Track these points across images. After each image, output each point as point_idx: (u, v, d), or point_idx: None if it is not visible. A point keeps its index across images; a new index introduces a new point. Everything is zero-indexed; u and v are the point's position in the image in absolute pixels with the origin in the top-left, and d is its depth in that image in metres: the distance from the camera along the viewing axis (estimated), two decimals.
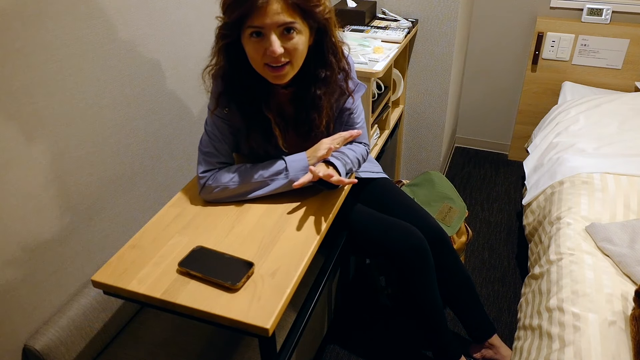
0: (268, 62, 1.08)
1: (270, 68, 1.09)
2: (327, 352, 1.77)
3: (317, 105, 1.20)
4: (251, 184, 1.20)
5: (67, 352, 1.19)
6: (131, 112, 1.35)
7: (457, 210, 1.84)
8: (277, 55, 1.05)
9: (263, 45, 1.06)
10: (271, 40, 1.04)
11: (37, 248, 1.15)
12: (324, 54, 1.16)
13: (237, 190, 1.21)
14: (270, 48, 1.05)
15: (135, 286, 1.01)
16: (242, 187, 1.21)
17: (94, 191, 1.28)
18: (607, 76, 2.49)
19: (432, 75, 2.29)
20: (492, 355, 1.66)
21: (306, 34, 1.10)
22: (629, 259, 1.38)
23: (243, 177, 1.20)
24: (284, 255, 1.07)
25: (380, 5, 2.23)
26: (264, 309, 0.95)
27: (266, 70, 1.10)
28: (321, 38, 1.14)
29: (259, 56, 1.08)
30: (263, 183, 1.20)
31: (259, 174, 1.20)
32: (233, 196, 1.22)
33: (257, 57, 1.08)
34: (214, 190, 1.21)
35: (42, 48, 1.07)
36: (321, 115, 1.21)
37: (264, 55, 1.07)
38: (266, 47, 1.05)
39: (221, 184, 1.21)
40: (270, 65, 1.09)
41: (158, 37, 1.39)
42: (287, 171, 1.19)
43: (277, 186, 1.20)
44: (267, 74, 1.11)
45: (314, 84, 1.18)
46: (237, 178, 1.20)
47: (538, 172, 1.99)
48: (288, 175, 1.18)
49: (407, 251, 1.41)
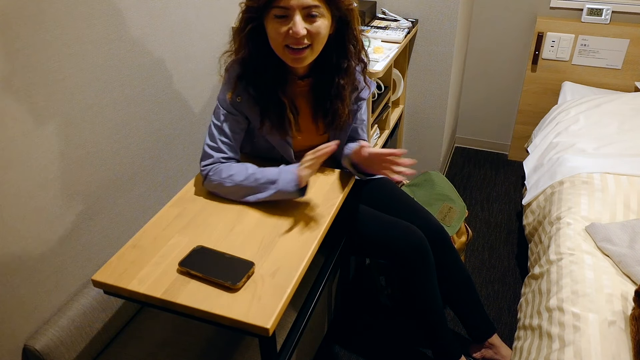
0: (289, 44, 1.10)
1: (291, 50, 1.11)
2: (327, 352, 1.77)
3: (341, 94, 1.23)
4: (245, 187, 1.20)
5: (67, 352, 1.19)
6: (131, 112, 1.35)
7: (457, 210, 1.84)
8: (300, 35, 1.07)
9: (286, 26, 1.08)
10: (295, 21, 1.07)
11: (37, 248, 1.15)
12: (345, 45, 1.19)
13: (231, 190, 1.22)
14: (294, 28, 1.07)
15: (136, 286, 1.01)
16: (236, 188, 1.21)
17: (94, 191, 1.28)
18: (607, 76, 2.49)
19: (432, 75, 2.29)
20: (492, 355, 1.66)
21: (328, 20, 1.13)
22: (629, 259, 1.38)
23: (239, 178, 1.21)
24: (284, 255, 1.07)
25: (380, 5, 2.23)
26: (264, 308, 0.95)
27: (286, 52, 1.12)
28: (343, 28, 1.17)
29: (281, 37, 1.10)
30: (255, 189, 1.20)
31: (255, 178, 1.20)
32: (228, 194, 1.23)
33: (279, 38, 1.10)
34: (212, 183, 1.23)
35: (42, 48, 1.07)
36: (344, 104, 1.24)
37: (286, 37, 1.09)
38: (289, 27, 1.08)
39: (219, 179, 1.22)
40: (291, 47, 1.11)
41: (158, 37, 1.39)
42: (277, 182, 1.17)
43: (266, 195, 1.19)
44: (287, 56, 1.13)
45: (337, 74, 1.21)
46: (235, 177, 1.21)
47: (538, 172, 1.99)
48: (277, 186, 1.17)
49: (407, 250, 1.41)
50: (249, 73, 1.20)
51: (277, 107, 1.22)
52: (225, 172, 1.22)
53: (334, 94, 1.23)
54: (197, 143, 1.64)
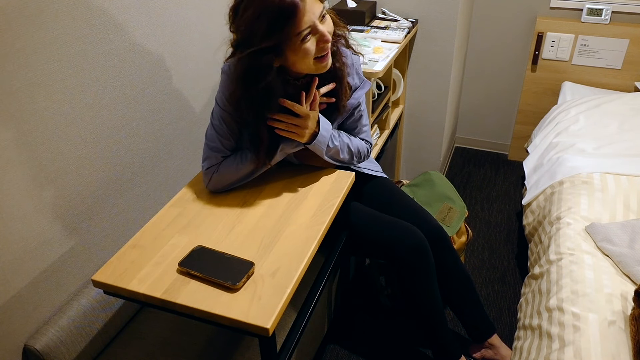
0: (319, 54, 1.10)
1: (320, 59, 1.12)
2: (327, 352, 1.78)
3: (339, 77, 1.23)
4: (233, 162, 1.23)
5: (67, 352, 1.19)
6: (131, 112, 1.35)
7: (457, 210, 1.84)
8: (330, 41, 1.09)
9: (314, 42, 1.08)
10: (321, 32, 1.07)
11: (37, 248, 1.15)
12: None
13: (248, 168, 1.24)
14: (324, 38, 1.07)
15: (136, 286, 1.01)
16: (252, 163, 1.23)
17: (94, 191, 1.28)
18: (606, 76, 2.49)
19: (432, 75, 2.29)
20: (492, 355, 1.66)
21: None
22: (629, 258, 1.38)
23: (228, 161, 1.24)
24: (284, 255, 1.07)
25: (380, 5, 2.23)
26: (264, 308, 0.95)
27: (317, 64, 1.12)
28: None
29: (311, 55, 1.09)
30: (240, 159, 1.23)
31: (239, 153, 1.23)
32: (245, 176, 1.26)
33: (310, 57, 1.09)
34: (223, 177, 1.25)
35: (42, 48, 1.07)
36: (343, 85, 1.24)
37: (317, 50, 1.09)
38: (317, 40, 1.08)
39: (230, 167, 1.24)
40: (320, 55, 1.11)
41: (158, 37, 1.39)
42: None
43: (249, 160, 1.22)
44: (318, 66, 1.13)
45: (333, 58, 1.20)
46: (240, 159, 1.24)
47: (538, 172, 1.99)
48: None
49: (407, 250, 1.41)
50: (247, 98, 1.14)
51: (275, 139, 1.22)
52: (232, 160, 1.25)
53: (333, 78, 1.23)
54: (197, 143, 1.64)
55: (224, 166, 1.25)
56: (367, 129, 1.44)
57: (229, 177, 1.25)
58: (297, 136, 1.20)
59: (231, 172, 1.25)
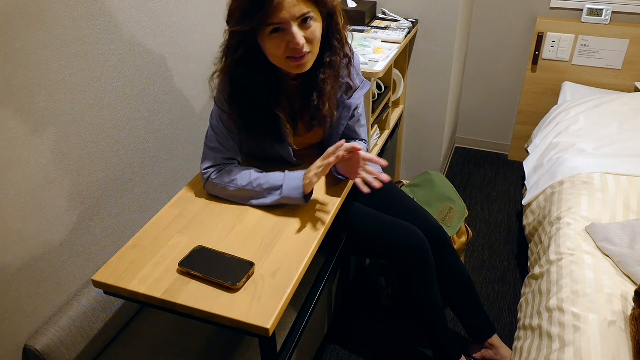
0: (290, 55, 1.09)
1: (293, 59, 1.10)
2: (327, 352, 1.78)
3: (320, 88, 1.21)
4: (248, 191, 1.20)
5: (67, 352, 1.19)
6: (131, 112, 1.35)
7: (457, 210, 1.84)
8: (300, 46, 1.07)
9: (284, 39, 1.07)
10: (293, 33, 1.06)
11: (37, 248, 1.15)
12: (329, 39, 1.18)
13: (234, 194, 1.22)
14: (293, 40, 1.06)
15: (136, 286, 1.01)
16: (239, 192, 1.21)
17: (93, 191, 1.28)
18: (606, 76, 2.49)
19: (432, 75, 2.29)
20: (492, 355, 1.66)
21: (320, 21, 1.12)
22: (629, 259, 1.38)
23: (242, 182, 1.20)
24: (284, 255, 1.07)
25: (380, 5, 2.23)
26: (264, 308, 0.95)
27: (288, 62, 1.11)
28: (328, 23, 1.16)
29: (281, 51, 1.09)
30: (259, 194, 1.20)
31: (258, 183, 1.19)
32: (231, 197, 1.23)
33: (279, 52, 1.09)
34: (215, 187, 1.23)
35: (42, 48, 1.07)
36: (324, 99, 1.21)
37: (286, 49, 1.08)
38: (288, 40, 1.07)
39: (222, 183, 1.22)
40: (293, 56, 1.10)
41: (158, 37, 1.39)
42: (281, 188, 1.18)
43: (270, 201, 1.19)
44: (289, 65, 1.12)
45: (317, 69, 1.19)
46: (237, 182, 1.21)
47: (538, 172, 1.99)
48: (281, 193, 1.17)
49: (407, 250, 1.41)
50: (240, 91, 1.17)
51: (273, 123, 1.21)
52: (227, 176, 1.22)
53: (314, 88, 1.21)
54: (197, 143, 1.64)
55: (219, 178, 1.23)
56: (364, 129, 1.43)
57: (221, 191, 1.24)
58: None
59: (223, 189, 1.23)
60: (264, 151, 1.34)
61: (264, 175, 1.21)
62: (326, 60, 1.19)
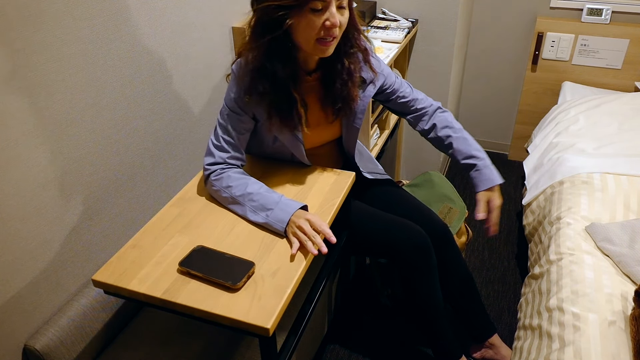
0: (322, 36, 1.12)
1: (322, 42, 1.13)
2: (327, 352, 1.77)
3: (352, 76, 1.26)
4: (238, 203, 1.20)
5: (67, 352, 1.19)
6: (131, 112, 1.35)
7: (457, 210, 1.84)
8: (337, 26, 1.11)
9: (321, 18, 1.10)
10: (332, 12, 1.09)
11: (37, 248, 1.15)
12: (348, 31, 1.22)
13: (227, 201, 1.23)
14: (331, 19, 1.10)
15: (136, 286, 1.01)
16: (230, 200, 1.22)
17: (94, 191, 1.28)
18: (606, 76, 2.49)
19: (432, 75, 2.29)
20: (492, 355, 1.66)
21: (348, 11, 1.16)
22: (629, 259, 1.38)
23: (236, 192, 1.21)
24: (285, 255, 1.07)
25: (380, 5, 2.23)
26: (264, 308, 0.95)
27: (317, 44, 1.14)
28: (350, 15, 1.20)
29: (316, 30, 1.11)
30: (246, 209, 1.19)
31: (250, 198, 1.19)
32: (223, 202, 1.24)
33: (314, 32, 1.11)
34: (212, 187, 1.24)
35: (42, 48, 1.07)
36: (355, 87, 1.27)
37: (322, 29, 1.11)
38: (326, 19, 1.10)
39: (219, 187, 1.23)
40: (324, 38, 1.13)
41: (158, 37, 1.39)
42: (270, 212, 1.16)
43: (253, 219, 1.18)
44: (317, 48, 1.15)
45: (346, 57, 1.24)
46: (232, 190, 1.21)
47: (538, 172, 1.99)
48: (268, 217, 1.16)
49: (410, 249, 1.41)
50: (264, 71, 1.19)
51: (287, 103, 1.22)
52: (225, 182, 1.22)
53: (346, 76, 1.25)
54: (197, 143, 1.64)
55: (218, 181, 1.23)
56: (417, 94, 1.50)
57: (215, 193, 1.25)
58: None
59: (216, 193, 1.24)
60: (276, 151, 1.34)
61: (259, 193, 1.19)
62: (350, 51, 1.24)
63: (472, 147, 1.50)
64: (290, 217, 1.13)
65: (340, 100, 1.28)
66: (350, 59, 1.25)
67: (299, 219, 1.12)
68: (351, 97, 1.28)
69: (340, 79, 1.25)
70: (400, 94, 1.46)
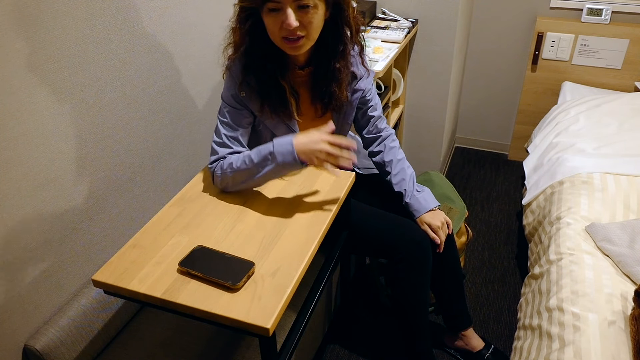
0: (285, 35, 1.16)
1: (287, 40, 1.17)
2: (327, 352, 1.77)
3: (336, 77, 1.28)
4: (244, 170, 1.21)
5: (67, 352, 1.19)
6: (131, 112, 1.35)
7: (457, 210, 1.84)
8: (292, 28, 1.13)
9: (280, 19, 1.13)
10: (287, 14, 1.12)
11: (37, 248, 1.15)
12: (340, 29, 1.24)
13: (236, 178, 1.23)
14: (286, 21, 1.12)
15: (136, 286, 1.01)
16: (239, 174, 1.22)
17: (94, 191, 1.28)
18: (606, 76, 2.49)
19: (432, 75, 2.29)
20: (463, 345, 1.68)
21: (322, 9, 1.17)
22: (629, 258, 1.38)
23: (237, 164, 1.22)
24: (285, 255, 1.07)
25: (380, 5, 2.23)
26: (264, 308, 0.95)
27: (283, 42, 1.18)
28: (337, 13, 1.21)
29: (277, 29, 1.15)
30: (254, 170, 1.19)
31: (250, 158, 1.20)
32: (235, 183, 1.24)
33: (275, 31, 1.16)
34: (218, 178, 1.25)
35: (42, 48, 1.07)
36: (341, 88, 1.30)
37: (281, 29, 1.14)
38: (283, 20, 1.12)
39: (224, 172, 1.24)
40: (287, 37, 1.16)
41: (158, 37, 1.39)
42: (273, 155, 1.17)
43: (266, 171, 1.18)
44: (284, 46, 1.19)
45: (332, 58, 1.26)
46: (234, 165, 1.22)
47: (538, 172, 1.99)
48: (276, 160, 1.16)
49: (409, 246, 1.42)
50: (251, 63, 1.24)
51: (277, 92, 1.26)
52: (226, 164, 1.24)
53: (330, 77, 1.28)
54: (197, 143, 1.64)
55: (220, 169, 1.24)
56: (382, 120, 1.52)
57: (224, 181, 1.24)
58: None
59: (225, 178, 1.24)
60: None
61: (256, 149, 1.21)
62: (339, 49, 1.26)
63: (405, 182, 1.51)
64: (292, 141, 1.15)
65: (327, 96, 1.31)
66: (338, 58, 1.26)
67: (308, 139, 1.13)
68: (336, 96, 1.31)
69: (325, 77, 1.28)
70: (371, 106, 1.47)
